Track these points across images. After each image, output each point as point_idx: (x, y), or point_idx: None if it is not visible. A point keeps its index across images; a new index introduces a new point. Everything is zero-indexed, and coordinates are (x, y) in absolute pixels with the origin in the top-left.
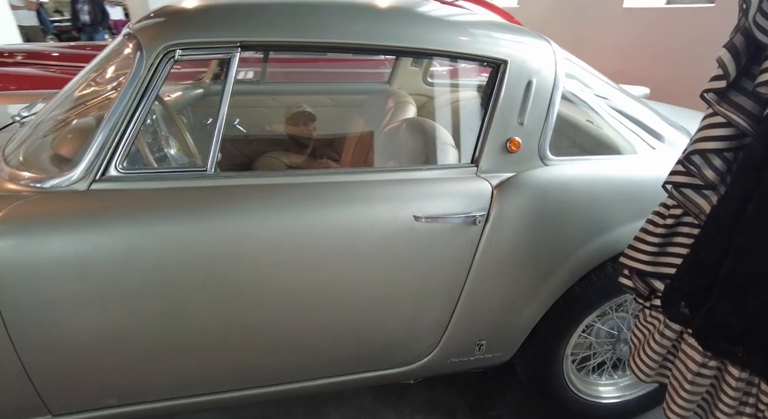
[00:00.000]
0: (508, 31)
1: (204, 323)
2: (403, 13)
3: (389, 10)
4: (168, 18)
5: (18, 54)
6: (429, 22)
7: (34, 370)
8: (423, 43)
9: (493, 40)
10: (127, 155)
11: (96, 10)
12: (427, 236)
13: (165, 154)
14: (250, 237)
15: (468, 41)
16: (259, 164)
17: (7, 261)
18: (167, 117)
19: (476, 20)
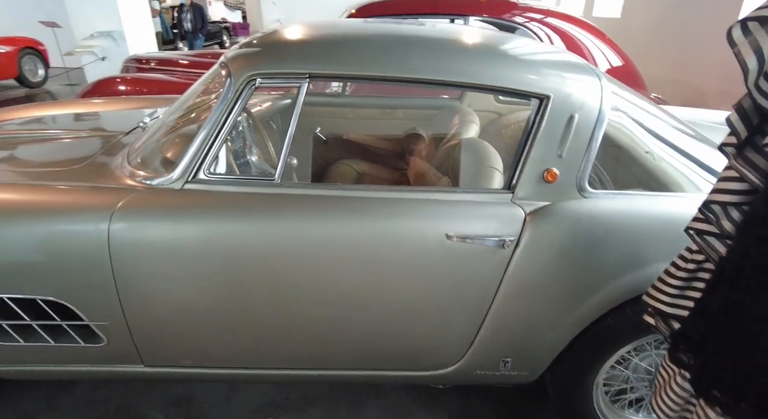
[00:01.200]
0: (556, 66)
1: (259, 308)
2: (450, 47)
3: (434, 43)
4: (252, 51)
5: (152, 61)
6: (473, 56)
7: (134, 327)
8: (465, 77)
9: (538, 75)
10: (214, 162)
11: (197, 18)
12: (456, 254)
13: (247, 160)
14: (303, 240)
15: (512, 76)
16: (333, 169)
17: (121, 241)
18: (254, 128)
19: (524, 53)
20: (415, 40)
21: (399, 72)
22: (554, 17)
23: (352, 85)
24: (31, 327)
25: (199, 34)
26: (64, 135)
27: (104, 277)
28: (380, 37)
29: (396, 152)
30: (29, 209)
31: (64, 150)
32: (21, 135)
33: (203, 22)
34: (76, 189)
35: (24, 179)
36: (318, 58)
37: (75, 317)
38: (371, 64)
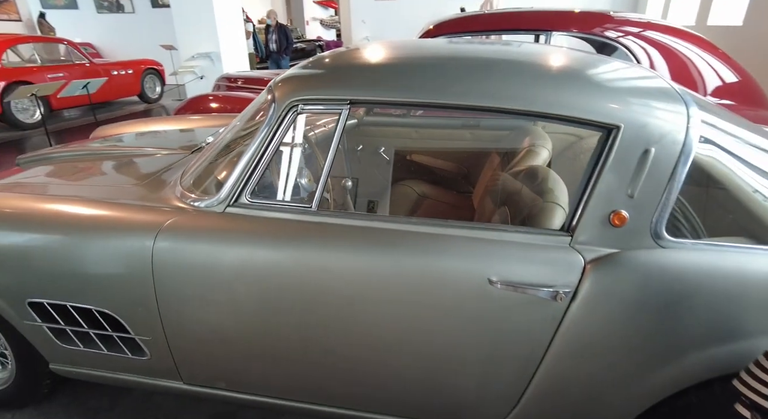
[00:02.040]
0: (633, 91)
1: (288, 339)
2: (504, 69)
3: (484, 65)
4: (297, 77)
5: (240, 79)
6: (527, 79)
7: (173, 345)
8: (517, 102)
9: (607, 102)
10: (256, 186)
11: (281, 38)
12: (500, 302)
13: (297, 187)
14: (335, 272)
15: (574, 102)
16: (394, 190)
17: (163, 260)
18: (311, 152)
19: (594, 76)
20: (464, 62)
21: (441, 98)
22: (655, 30)
23: None
24: (89, 334)
25: (283, 54)
26: (147, 151)
27: (147, 294)
28: (427, 61)
29: (461, 174)
30: (90, 223)
31: (133, 168)
32: (106, 152)
33: (288, 42)
34: (130, 207)
35: (91, 194)
36: (360, 84)
37: (124, 329)
38: (414, 89)
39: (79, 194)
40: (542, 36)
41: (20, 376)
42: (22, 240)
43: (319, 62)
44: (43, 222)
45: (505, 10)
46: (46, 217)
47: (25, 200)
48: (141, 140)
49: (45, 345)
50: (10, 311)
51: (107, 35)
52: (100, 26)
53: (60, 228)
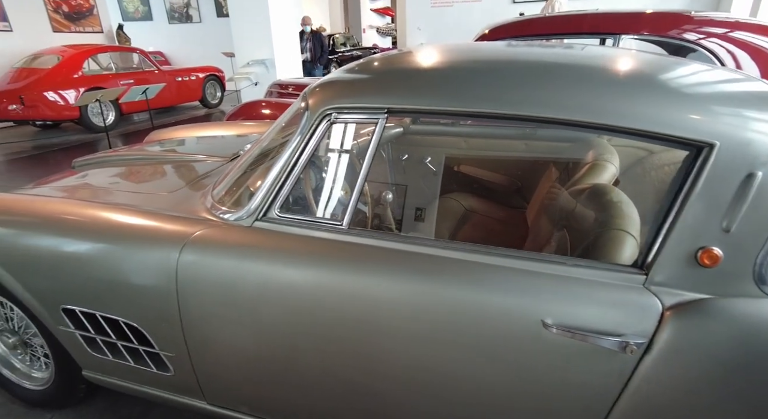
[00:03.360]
0: (731, 99)
1: (310, 366)
2: (568, 75)
3: (544, 71)
4: (331, 84)
5: (291, 86)
6: (601, 87)
7: (197, 363)
8: (583, 114)
9: (697, 113)
10: (285, 201)
11: (316, 47)
12: (555, 350)
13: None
14: (364, 299)
15: (655, 115)
16: (439, 203)
17: (188, 274)
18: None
19: (680, 83)
20: (521, 66)
21: (492, 107)
22: (744, 30)
23: None
24: (117, 345)
25: (317, 63)
26: (186, 159)
27: (171, 309)
28: (477, 65)
29: (513, 188)
30: (120, 232)
31: (173, 175)
32: (152, 157)
33: (322, 50)
34: (160, 216)
35: (126, 201)
36: (399, 91)
37: (149, 343)
38: (460, 97)
39: (115, 201)
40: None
41: (58, 378)
42: (57, 245)
43: (357, 68)
44: (77, 228)
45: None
46: (80, 223)
47: (64, 205)
48: (189, 146)
49: (77, 351)
50: (47, 316)
51: (176, 44)
52: (171, 35)
53: (92, 235)
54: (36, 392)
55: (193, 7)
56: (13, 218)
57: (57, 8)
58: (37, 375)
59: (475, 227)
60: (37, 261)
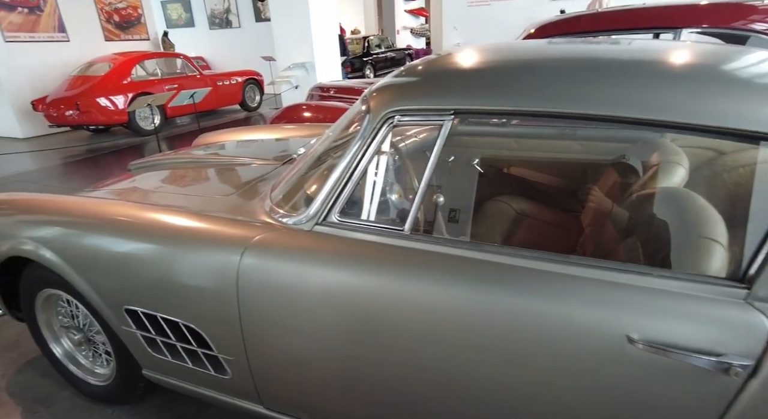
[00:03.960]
0: None
1: (372, 374)
2: (638, 71)
3: (617, 68)
4: (393, 85)
5: (332, 89)
6: (672, 83)
7: (255, 368)
8: (658, 112)
9: None
10: (345, 205)
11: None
12: (644, 369)
13: (386, 199)
14: (427, 307)
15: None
16: (488, 207)
17: (249, 278)
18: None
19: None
20: (592, 64)
21: (566, 107)
22: None
23: None
24: (177, 347)
25: None
26: (237, 162)
27: (231, 312)
28: (546, 63)
29: (568, 191)
30: (181, 234)
31: (228, 178)
32: (205, 160)
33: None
34: (220, 220)
35: (186, 204)
36: (466, 92)
37: (208, 346)
38: (534, 97)
39: (175, 204)
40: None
41: (119, 376)
42: (121, 246)
43: (418, 69)
44: (139, 230)
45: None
46: (143, 225)
47: (127, 208)
48: (238, 149)
49: (138, 351)
50: (111, 316)
51: (216, 49)
52: (211, 41)
53: (154, 237)
54: (99, 387)
55: (232, 13)
56: (81, 219)
57: (109, 18)
58: (100, 372)
59: (528, 231)
60: (103, 262)
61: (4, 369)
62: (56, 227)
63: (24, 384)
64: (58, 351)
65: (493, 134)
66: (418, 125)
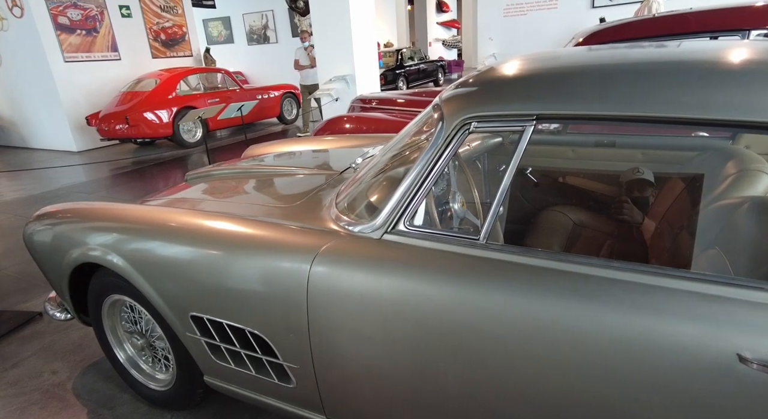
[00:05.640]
0: None
1: (445, 388)
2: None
3: (705, 68)
4: (468, 92)
5: (373, 101)
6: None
7: (320, 377)
8: (747, 113)
9: None
10: (415, 213)
11: None
12: (758, 390)
13: (450, 208)
14: (504, 318)
15: None
16: (543, 217)
17: (319, 286)
18: (460, 172)
19: None
20: (680, 65)
21: (657, 110)
22: None
23: None
24: (240, 354)
25: None
26: (295, 171)
27: (300, 320)
28: (624, 67)
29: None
30: (248, 242)
31: (287, 187)
32: (260, 171)
33: None
34: (287, 228)
35: (249, 213)
36: (549, 96)
37: (273, 354)
38: (622, 101)
39: (240, 212)
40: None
41: (179, 382)
42: (189, 254)
43: (495, 73)
44: (207, 238)
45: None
46: (210, 233)
47: (193, 216)
48: (290, 160)
49: (201, 357)
50: (176, 322)
51: (254, 63)
52: (250, 56)
53: (222, 245)
54: (158, 392)
55: (270, 29)
56: (148, 227)
57: (156, 37)
58: (160, 377)
59: (588, 242)
60: (171, 269)
61: (70, 371)
62: (124, 234)
63: (88, 386)
64: (122, 356)
65: (549, 143)
66: (495, 131)
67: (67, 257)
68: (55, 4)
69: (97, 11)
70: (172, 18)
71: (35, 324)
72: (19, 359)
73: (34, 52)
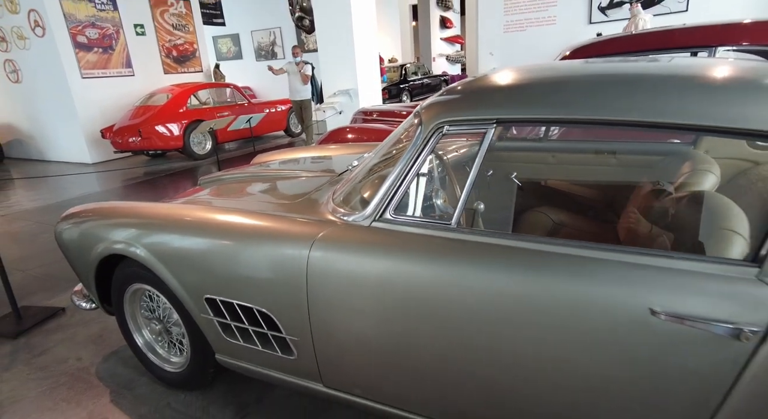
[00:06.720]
0: None
1: (424, 352)
2: (670, 81)
3: (649, 79)
4: (442, 100)
5: (375, 113)
6: (703, 91)
7: (318, 348)
8: (690, 117)
9: None
10: (399, 203)
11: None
12: (665, 336)
13: (433, 203)
14: (474, 290)
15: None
16: (526, 217)
17: (316, 268)
18: (445, 172)
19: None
20: (622, 76)
21: (600, 114)
22: None
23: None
24: (248, 331)
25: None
26: (299, 174)
27: (300, 298)
28: (582, 77)
29: (603, 202)
30: (256, 232)
31: (290, 187)
32: (267, 174)
33: None
34: (291, 220)
35: (257, 208)
36: (506, 103)
37: (277, 328)
38: (568, 106)
39: (248, 208)
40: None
41: (193, 363)
42: (203, 244)
43: (463, 87)
44: (219, 229)
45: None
46: (222, 225)
47: (207, 211)
48: (294, 165)
49: (214, 336)
50: (191, 305)
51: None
52: (258, 71)
53: (233, 235)
54: (173, 374)
55: (277, 45)
56: (166, 221)
57: (168, 54)
58: (175, 360)
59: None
60: (188, 257)
61: (92, 358)
62: (146, 229)
63: (110, 371)
64: (140, 341)
65: (531, 149)
66: (463, 134)
67: (94, 251)
68: (74, 23)
69: (113, 30)
70: (183, 35)
71: (59, 319)
72: (45, 348)
73: (53, 69)
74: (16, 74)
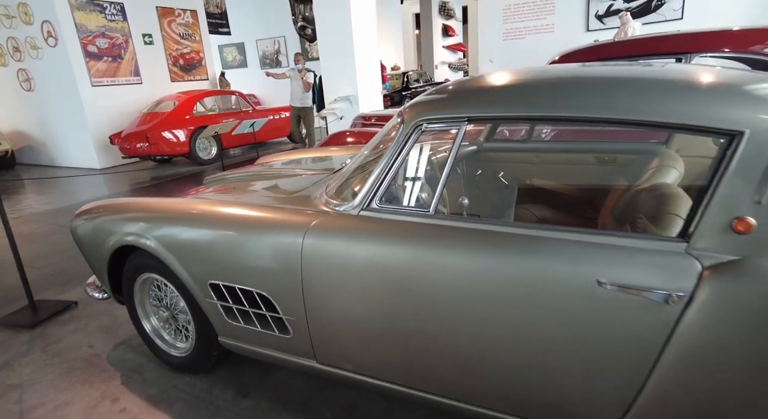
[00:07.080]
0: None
1: (406, 328)
2: (615, 83)
3: (598, 80)
4: (423, 101)
5: (374, 118)
6: (644, 90)
7: (312, 326)
8: (631, 113)
9: (729, 107)
10: (384, 194)
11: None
12: (609, 303)
13: (419, 195)
14: (447, 269)
15: (692, 110)
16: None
17: (310, 253)
18: (433, 168)
19: (718, 82)
20: (584, 79)
21: (554, 110)
22: None
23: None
24: (248, 313)
25: None
26: (296, 173)
27: (295, 280)
28: (545, 78)
29: (585, 199)
30: (257, 222)
31: (289, 184)
32: (269, 173)
33: None
34: (289, 210)
35: (262, 201)
36: (477, 102)
37: (275, 310)
38: (531, 104)
39: (249, 201)
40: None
41: (197, 347)
42: (209, 234)
43: (441, 89)
44: (222, 220)
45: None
46: (225, 216)
47: (211, 204)
48: (294, 165)
49: (217, 319)
50: (197, 290)
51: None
52: (262, 79)
53: (235, 225)
54: (179, 358)
55: (282, 53)
56: (174, 214)
57: (175, 62)
58: (180, 346)
59: None
60: (193, 246)
61: (103, 346)
62: (155, 222)
63: (120, 357)
64: (148, 327)
65: (517, 150)
66: (440, 130)
67: (107, 243)
68: (85, 34)
69: (122, 39)
70: (190, 44)
71: (71, 311)
72: (60, 337)
73: (65, 78)
74: (29, 83)
